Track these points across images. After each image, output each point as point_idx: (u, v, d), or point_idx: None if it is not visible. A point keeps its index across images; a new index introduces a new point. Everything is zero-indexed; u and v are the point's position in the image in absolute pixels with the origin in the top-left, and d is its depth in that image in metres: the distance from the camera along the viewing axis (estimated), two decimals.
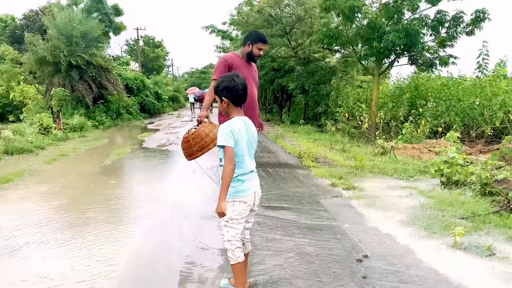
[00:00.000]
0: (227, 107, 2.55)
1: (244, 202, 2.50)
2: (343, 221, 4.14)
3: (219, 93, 2.55)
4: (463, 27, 9.81)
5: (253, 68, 4.15)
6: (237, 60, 4.00)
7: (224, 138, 2.41)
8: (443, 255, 3.25)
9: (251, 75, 4.02)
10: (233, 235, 2.49)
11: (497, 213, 4.24)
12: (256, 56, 4.02)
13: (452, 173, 5.62)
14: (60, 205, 4.76)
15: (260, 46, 3.99)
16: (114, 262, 3.13)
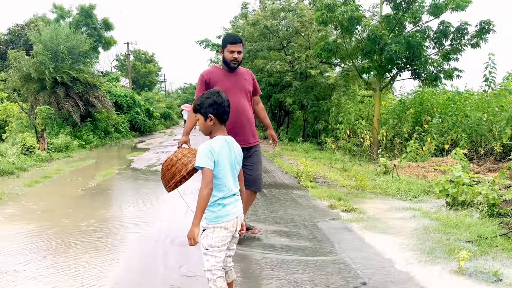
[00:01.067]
0: (213, 125, 2.52)
1: (225, 228, 2.47)
2: (341, 245, 4.11)
3: (205, 110, 2.50)
4: (468, 39, 9.95)
5: (241, 76, 4.03)
6: (216, 73, 3.95)
7: (202, 159, 2.38)
8: (447, 281, 3.22)
9: (236, 85, 3.93)
10: (213, 264, 2.45)
11: (505, 235, 4.23)
12: (230, 60, 3.89)
13: (458, 193, 5.63)
14: (38, 231, 4.71)
15: (230, 49, 3.86)
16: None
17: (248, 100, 4.04)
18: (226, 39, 3.94)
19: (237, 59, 3.91)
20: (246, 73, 4.11)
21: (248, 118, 4.00)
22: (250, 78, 4.14)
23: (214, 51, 23.10)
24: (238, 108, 3.84)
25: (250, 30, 16.73)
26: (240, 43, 3.91)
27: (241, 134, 3.89)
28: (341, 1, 10.30)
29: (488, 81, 11.32)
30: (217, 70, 4.00)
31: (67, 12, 33.62)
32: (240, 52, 3.92)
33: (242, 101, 3.93)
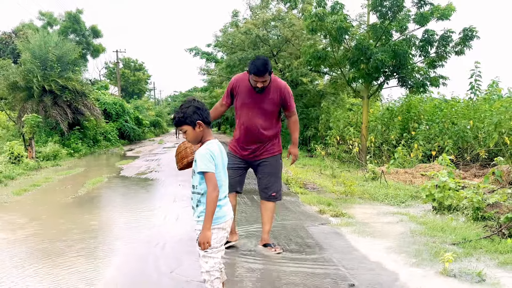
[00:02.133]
0: (201, 131, 2.57)
1: (223, 229, 2.56)
2: (330, 249, 4.20)
3: (190, 119, 2.54)
4: (452, 47, 10.21)
5: (267, 95, 3.89)
6: (243, 84, 3.92)
7: (205, 164, 2.45)
8: (432, 282, 3.33)
9: (256, 104, 3.89)
10: (212, 265, 2.52)
11: (488, 238, 4.36)
12: (254, 87, 3.83)
13: (444, 197, 5.76)
14: (27, 239, 4.73)
15: (253, 79, 3.78)
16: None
17: (265, 118, 3.94)
18: (251, 67, 3.76)
19: (261, 88, 3.83)
20: (274, 91, 3.92)
21: (259, 137, 3.97)
22: (278, 96, 3.94)
23: (204, 59, 23.28)
24: (250, 127, 3.94)
25: (241, 38, 16.90)
26: (263, 75, 3.74)
27: (248, 150, 4.05)
28: (330, 11, 10.51)
29: (473, 89, 11.61)
30: (246, 80, 3.92)
31: (54, 19, 33.56)
32: (266, 81, 3.80)
33: (256, 120, 3.91)
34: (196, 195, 2.59)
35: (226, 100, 4.10)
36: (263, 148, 4.03)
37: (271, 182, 4.09)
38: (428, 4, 10.17)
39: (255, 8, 17.67)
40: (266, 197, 4.13)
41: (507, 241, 4.18)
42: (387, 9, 10.26)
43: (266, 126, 3.97)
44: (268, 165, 4.09)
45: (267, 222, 4.15)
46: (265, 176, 4.10)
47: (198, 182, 2.54)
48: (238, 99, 3.99)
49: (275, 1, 16.87)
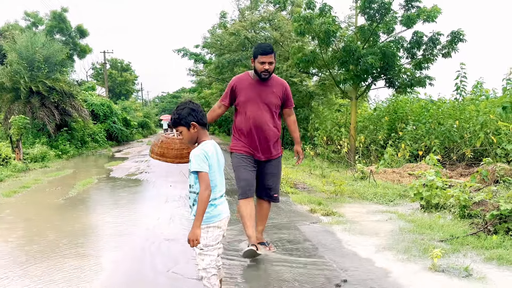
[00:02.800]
0: (196, 132, 2.65)
1: (219, 227, 2.64)
2: (322, 246, 4.30)
3: (185, 120, 2.62)
4: (440, 49, 10.42)
5: (270, 88, 3.92)
6: (244, 80, 3.93)
7: (199, 163, 2.52)
8: (422, 277, 3.44)
9: (259, 96, 3.87)
10: (208, 263, 2.60)
11: (475, 235, 4.50)
12: (261, 72, 3.80)
13: (431, 196, 5.92)
14: (19, 239, 4.74)
15: (260, 59, 3.77)
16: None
17: (271, 113, 3.93)
18: (257, 49, 3.83)
19: (268, 70, 3.82)
20: (276, 85, 3.97)
21: (265, 131, 3.89)
22: (280, 90, 3.98)
23: (192, 60, 23.28)
24: (255, 120, 3.85)
25: (230, 40, 16.97)
26: (271, 54, 3.81)
27: (253, 147, 3.94)
28: (318, 13, 10.64)
29: (459, 90, 11.84)
30: (246, 78, 3.95)
31: (39, 19, 33.20)
32: (272, 63, 3.82)
33: (261, 113, 3.86)
34: (192, 195, 2.64)
35: (225, 100, 4.04)
36: (270, 145, 3.97)
37: (275, 183, 4.09)
38: (415, 7, 10.37)
39: (244, 9, 17.75)
40: (268, 197, 4.10)
41: (492, 237, 4.33)
42: (375, 11, 10.42)
43: (269, 120, 3.92)
44: (274, 165, 4.06)
45: (261, 221, 4.16)
46: (271, 176, 4.06)
47: (194, 181, 2.60)
48: (241, 95, 3.92)
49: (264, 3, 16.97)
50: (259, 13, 17.03)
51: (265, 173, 4.05)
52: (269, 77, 3.89)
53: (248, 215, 3.84)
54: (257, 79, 3.90)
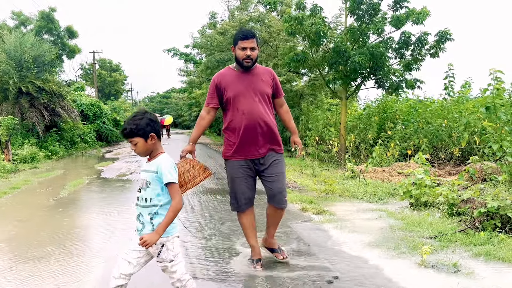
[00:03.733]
0: (153, 144, 2.53)
1: (178, 236, 2.62)
2: (314, 244, 4.35)
3: (143, 131, 2.47)
4: (427, 49, 10.56)
5: (258, 76, 3.55)
6: (228, 75, 3.56)
7: (173, 174, 2.48)
8: (411, 273, 3.51)
9: (250, 87, 3.49)
10: (182, 270, 2.58)
11: (463, 231, 4.59)
12: (242, 59, 3.44)
13: (420, 194, 6.01)
14: (10, 240, 4.72)
15: (241, 45, 3.43)
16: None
17: (265, 104, 3.55)
18: (237, 35, 3.50)
19: (251, 57, 3.45)
20: (263, 73, 3.61)
21: (263, 124, 3.50)
22: (269, 78, 3.62)
23: (182, 60, 23.25)
24: (252, 114, 3.46)
25: (219, 39, 16.99)
26: (252, 38, 3.46)
27: (253, 143, 3.52)
28: (308, 13, 10.72)
29: (447, 89, 12.01)
30: (229, 72, 3.59)
31: (26, 19, 32.87)
32: (254, 48, 3.46)
33: (256, 106, 3.47)
34: (150, 208, 2.52)
35: (212, 102, 3.62)
36: (272, 137, 3.57)
37: (280, 184, 3.58)
38: (403, 8, 10.50)
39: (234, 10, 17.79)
40: (279, 203, 3.61)
41: (480, 234, 4.41)
42: (364, 12, 10.53)
43: (266, 112, 3.53)
44: (278, 164, 3.60)
45: (273, 225, 3.80)
46: (279, 176, 3.58)
47: (156, 194, 2.51)
48: (228, 90, 3.52)
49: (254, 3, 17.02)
50: (248, 13, 17.07)
51: (273, 173, 3.57)
52: (252, 65, 3.52)
53: (250, 225, 3.69)
54: (241, 70, 3.54)
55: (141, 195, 2.54)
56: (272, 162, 3.58)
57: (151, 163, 2.55)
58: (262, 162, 3.58)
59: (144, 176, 2.55)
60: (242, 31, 3.53)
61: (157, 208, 2.51)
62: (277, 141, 3.62)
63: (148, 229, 2.51)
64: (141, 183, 2.56)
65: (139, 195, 2.56)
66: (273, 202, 3.62)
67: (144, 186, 2.53)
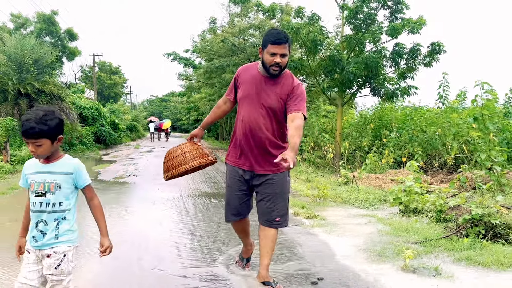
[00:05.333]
0: (57, 144, 2.31)
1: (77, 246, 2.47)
2: (303, 247, 4.51)
3: (54, 132, 2.23)
4: (421, 59, 10.78)
5: (275, 87, 3.17)
6: (250, 73, 3.26)
7: (87, 175, 2.40)
8: (394, 276, 3.67)
9: (259, 95, 3.17)
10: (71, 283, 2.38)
11: (447, 237, 4.75)
12: (270, 65, 3.08)
13: (409, 201, 6.17)
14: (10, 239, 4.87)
15: (271, 50, 3.04)
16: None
17: (272, 119, 3.18)
18: (268, 37, 3.08)
19: (280, 65, 3.08)
20: (284, 85, 3.18)
21: (258, 139, 3.18)
22: (286, 92, 3.17)
23: (182, 64, 23.45)
24: (249, 124, 3.17)
25: (219, 45, 17.20)
26: (285, 43, 3.06)
27: (247, 155, 3.27)
28: (307, 22, 10.93)
29: (441, 98, 12.21)
30: (253, 69, 3.27)
31: (26, 21, 33.08)
32: (285, 55, 3.08)
33: (257, 117, 3.15)
34: (59, 214, 2.33)
35: (230, 94, 3.42)
36: (266, 156, 3.21)
37: (275, 204, 3.27)
38: (399, 19, 10.72)
39: (234, 15, 18.02)
40: (268, 221, 3.31)
41: (463, 240, 4.58)
42: (361, 21, 10.74)
43: (269, 127, 3.19)
44: (276, 182, 3.27)
45: (266, 254, 3.33)
46: (268, 196, 3.27)
47: (66, 197, 2.34)
48: (241, 89, 3.27)
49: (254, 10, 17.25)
50: (249, 20, 17.30)
51: (265, 193, 3.28)
52: (279, 74, 3.16)
53: (241, 230, 3.60)
54: (263, 73, 3.20)
55: (47, 200, 2.27)
56: (265, 181, 3.27)
57: (57, 165, 2.31)
58: (256, 179, 3.30)
59: (52, 179, 2.28)
60: (274, 32, 3.10)
61: (65, 213, 2.34)
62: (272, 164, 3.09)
63: (49, 237, 2.28)
64: (46, 186, 2.27)
65: (41, 200, 2.27)
66: (260, 220, 3.37)
67: (51, 189, 2.27)
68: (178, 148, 3.31)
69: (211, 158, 3.36)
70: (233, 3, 16.38)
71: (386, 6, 10.74)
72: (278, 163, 2.83)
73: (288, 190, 3.41)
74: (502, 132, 9.90)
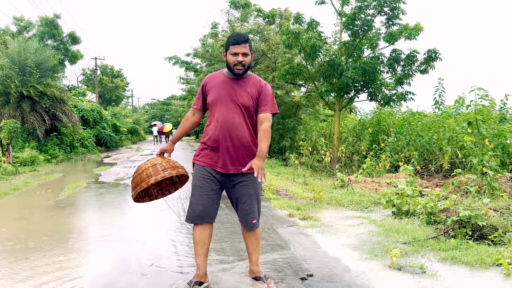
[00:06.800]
0: None
1: None
2: (295, 246, 4.70)
3: None
4: (417, 66, 10.99)
5: (244, 86, 3.31)
6: (217, 78, 3.39)
7: None
8: (379, 273, 3.86)
9: (230, 95, 3.28)
10: None
11: (435, 238, 4.94)
12: (233, 65, 3.23)
13: (401, 203, 6.36)
14: (12, 237, 5.07)
15: (232, 50, 3.22)
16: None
17: (246, 117, 3.30)
18: (229, 39, 3.27)
19: (243, 63, 3.23)
20: (252, 84, 3.34)
21: (235, 137, 3.26)
22: (256, 91, 3.32)
23: (183, 68, 23.70)
24: (224, 124, 3.26)
25: (220, 50, 17.44)
26: (245, 43, 3.23)
27: (221, 156, 3.30)
28: (306, 27, 11.16)
29: (438, 104, 12.40)
30: (219, 76, 3.41)
31: (28, 24, 33.43)
32: (247, 54, 3.24)
33: (232, 117, 3.26)
34: None
35: (197, 103, 3.51)
36: (243, 154, 3.29)
37: (251, 206, 3.36)
38: (396, 25, 10.94)
39: (234, 21, 18.27)
40: (246, 224, 3.44)
41: (451, 240, 4.76)
42: (358, 28, 10.96)
43: (244, 125, 3.30)
44: (250, 183, 3.33)
45: (253, 251, 3.52)
46: (246, 198, 3.34)
47: None
48: (211, 94, 3.36)
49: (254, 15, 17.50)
50: (248, 25, 17.54)
51: (239, 195, 3.36)
52: (244, 73, 3.30)
53: (201, 242, 3.37)
54: (230, 76, 3.34)
55: None
56: (239, 182, 3.33)
57: None
58: (230, 179, 3.35)
59: None
60: (234, 35, 3.30)
61: None
62: (247, 162, 3.23)
63: None
64: None
65: None
66: (240, 223, 3.51)
67: None
68: (148, 161, 3.29)
69: (182, 171, 3.35)
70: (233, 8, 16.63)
71: (383, 13, 10.97)
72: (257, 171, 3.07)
73: (261, 190, 3.50)
74: (497, 137, 10.09)
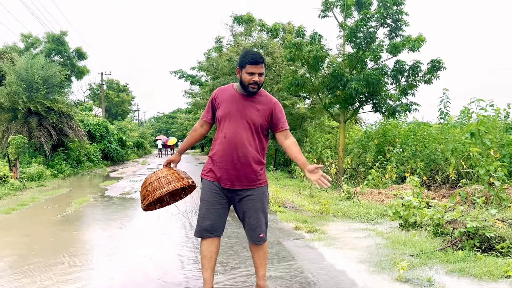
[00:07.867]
0: None
1: None
2: (301, 259, 4.69)
3: None
4: (421, 76, 11.02)
5: (255, 104, 3.32)
6: (227, 92, 3.38)
7: None
8: (387, 286, 3.83)
9: (241, 112, 3.28)
10: None
11: (443, 250, 4.90)
12: (248, 84, 3.23)
13: (408, 215, 6.33)
14: (21, 253, 5.09)
15: (249, 70, 3.20)
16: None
17: (254, 135, 3.31)
18: (245, 58, 3.25)
19: (258, 83, 3.25)
20: (263, 103, 3.35)
21: (242, 155, 3.25)
22: (267, 110, 3.33)
23: (188, 81, 23.89)
24: (232, 140, 3.25)
25: (224, 64, 17.60)
26: (262, 63, 3.25)
27: (228, 172, 3.30)
28: (308, 40, 11.24)
29: (443, 114, 12.39)
30: (230, 89, 3.41)
31: (36, 41, 33.88)
32: (262, 74, 3.26)
33: (241, 132, 3.25)
34: None
35: (206, 116, 3.50)
36: (250, 171, 3.29)
37: (257, 220, 3.35)
38: (399, 36, 11.00)
39: (238, 35, 18.46)
40: (253, 239, 3.41)
41: (458, 252, 4.73)
42: (361, 40, 11.03)
43: (252, 142, 3.29)
44: (257, 197, 3.34)
45: (260, 265, 3.48)
46: (252, 212, 3.34)
47: None
48: (221, 108, 3.35)
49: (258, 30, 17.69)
50: (252, 39, 17.72)
51: (246, 209, 3.35)
52: (257, 91, 3.33)
53: (208, 255, 3.37)
54: (241, 92, 3.34)
55: None
56: (246, 197, 3.33)
57: None
58: (236, 194, 3.35)
59: None
60: (251, 54, 3.27)
61: None
62: (253, 179, 3.31)
63: None
64: None
65: None
66: (247, 237, 3.49)
67: None
68: (154, 174, 3.37)
69: (188, 182, 3.39)
70: (237, 23, 16.81)
71: (386, 24, 11.04)
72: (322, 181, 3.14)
73: (267, 204, 3.49)
74: (504, 147, 10.03)
